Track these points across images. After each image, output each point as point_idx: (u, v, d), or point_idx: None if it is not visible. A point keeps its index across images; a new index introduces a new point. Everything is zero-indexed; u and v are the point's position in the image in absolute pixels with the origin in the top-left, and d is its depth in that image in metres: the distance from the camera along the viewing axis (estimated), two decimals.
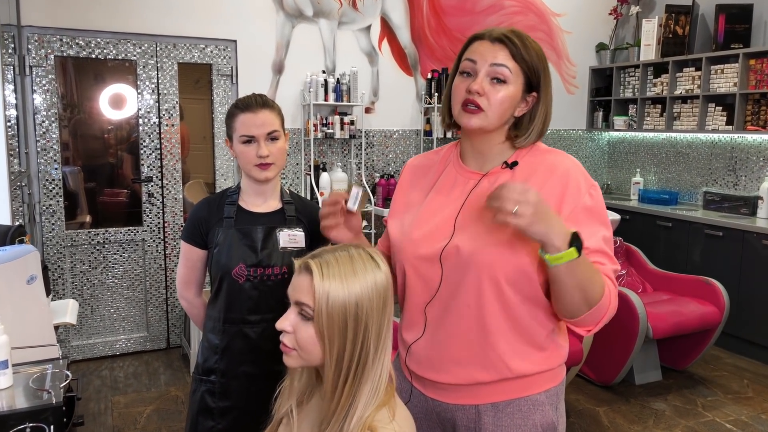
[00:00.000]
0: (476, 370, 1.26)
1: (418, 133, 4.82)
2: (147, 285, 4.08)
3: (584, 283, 1.12)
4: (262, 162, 1.58)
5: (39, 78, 3.69)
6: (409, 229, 1.33)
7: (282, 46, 4.30)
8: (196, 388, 1.67)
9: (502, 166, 1.28)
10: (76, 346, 3.93)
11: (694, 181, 4.94)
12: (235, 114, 1.60)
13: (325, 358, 1.05)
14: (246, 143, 1.58)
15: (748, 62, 4.24)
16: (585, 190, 1.23)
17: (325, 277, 1.04)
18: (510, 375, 1.25)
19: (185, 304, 1.76)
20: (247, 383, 1.63)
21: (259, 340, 1.62)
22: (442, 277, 1.26)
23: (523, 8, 5.05)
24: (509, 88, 1.22)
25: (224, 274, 1.60)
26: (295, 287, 1.08)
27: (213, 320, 1.66)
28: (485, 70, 1.22)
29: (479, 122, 1.23)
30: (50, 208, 3.79)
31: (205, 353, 1.67)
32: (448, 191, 1.32)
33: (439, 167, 1.39)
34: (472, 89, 1.22)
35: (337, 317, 1.03)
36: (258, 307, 1.61)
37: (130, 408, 3.30)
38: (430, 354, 1.30)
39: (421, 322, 1.31)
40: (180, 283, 1.74)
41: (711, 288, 3.65)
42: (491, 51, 1.22)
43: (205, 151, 4.42)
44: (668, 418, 3.23)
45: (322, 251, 1.10)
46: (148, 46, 3.93)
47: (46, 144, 3.74)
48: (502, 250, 1.19)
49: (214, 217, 1.65)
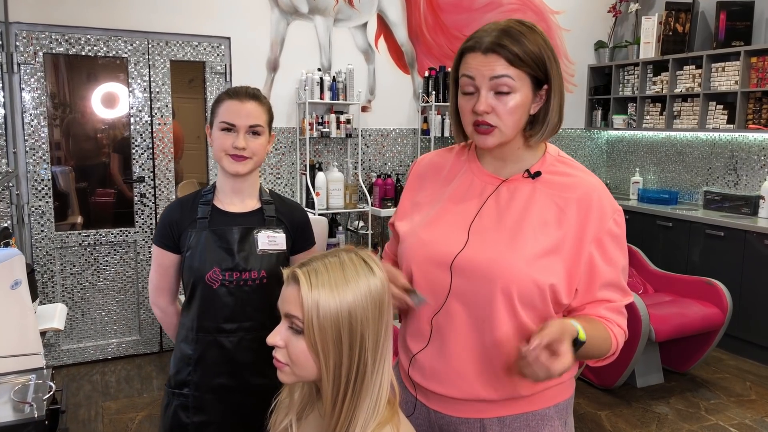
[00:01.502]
0: (483, 387, 1.19)
1: (416, 132, 4.74)
2: (139, 287, 4.00)
3: (597, 346, 1.16)
4: (237, 153, 1.47)
5: (27, 76, 3.60)
6: (419, 228, 1.26)
7: (277, 44, 4.22)
8: (168, 402, 1.56)
9: (524, 175, 1.21)
10: (66, 350, 3.84)
11: (694, 180, 4.89)
12: (222, 99, 1.50)
13: (320, 373, 0.98)
14: (225, 130, 1.47)
15: (750, 60, 4.19)
16: (610, 214, 1.18)
17: (314, 287, 0.96)
18: (516, 395, 1.19)
19: (158, 312, 1.65)
20: (224, 396, 1.52)
21: (235, 351, 1.51)
22: (450, 287, 1.19)
23: (521, 6, 4.99)
24: (516, 96, 1.13)
25: (197, 279, 1.49)
26: (283, 299, 1.01)
27: (186, 329, 1.54)
28: (486, 85, 1.12)
29: (495, 140, 1.16)
30: (39, 209, 3.70)
31: (177, 364, 1.55)
32: (463, 194, 1.25)
33: (454, 167, 1.31)
34: (478, 110, 1.13)
35: (330, 329, 0.96)
36: (234, 314, 1.50)
37: (121, 414, 3.21)
38: (435, 365, 1.23)
39: (427, 331, 1.24)
40: (152, 290, 1.62)
41: (713, 289, 3.60)
42: (486, 64, 1.12)
43: (199, 151, 4.34)
44: (671, 422, 3.17)
45: (311, 259, 1.02)
46: (139, 43, 3.85)
47: (34, 143, 3.65)
48: (523, 263, 1.13)
49: (187, 218, 1.53)
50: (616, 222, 1.18)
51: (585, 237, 1.15)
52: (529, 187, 1.20)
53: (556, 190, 1.19)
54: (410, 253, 1.24)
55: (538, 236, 1.15)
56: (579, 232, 1.15)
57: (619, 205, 1.21)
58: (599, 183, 1.21)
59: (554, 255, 1.14)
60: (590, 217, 1.16)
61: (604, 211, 1.17)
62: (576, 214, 1.16)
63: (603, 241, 1.16)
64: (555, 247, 1.14)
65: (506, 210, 1.19)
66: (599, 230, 1.16)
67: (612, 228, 1.17)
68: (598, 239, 1.16)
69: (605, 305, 1.18)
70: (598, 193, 1.18)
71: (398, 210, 1.37)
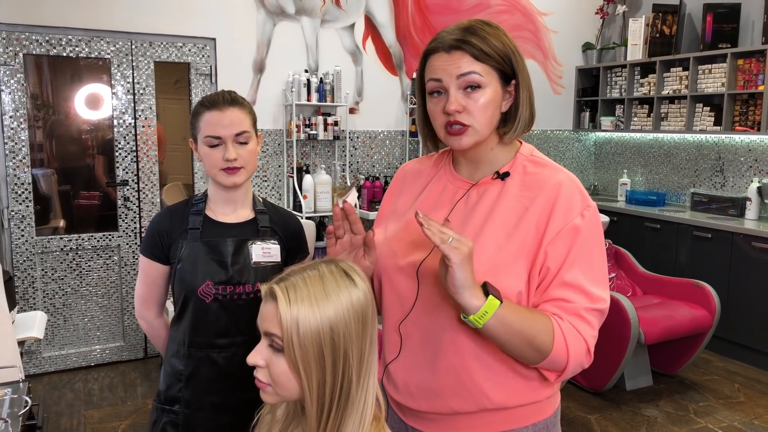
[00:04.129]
0: (453, 399, 1.15)
1: (404, 134, 4.71)
2: (123, 292, 3.93)
3: (524, 333, 1.04)
4: (230, 166, 1.41)
5: (7, 77, 3.52)
6: (390, 237, 1.24)
7: (263, 45, 4.17)
8: (157, 418, 1.50)
9: (492, 177, 1.18)
10: (48, 358, 3.76)
11: (681, 182, 4.90)
12: (200, 112, 1.42)
13: (303, 393, 0.94)
14: (212, 146, 1.41)
15: (736, 62, 4.21)
16: (578, 209, 1.10)
17: (293, 303, 0.92)
18: (490, 406, 1.14)
19: (144, 324, 1.59)
20: (214, 414, 1.47)
21: (227, 367, 1.45)
22: (417, 294, 1.15)
23: (509, 7, 4.98)
24: (486, 92, 1.10)
25: (189, 292, 1.43)
26: (262, 316, 0.96)
27: (177, 344, 1.49)
28: (454, 84, 1.09)
29: (470, 140, 1.12)
30: (19, 213, 3.62)
31: (167, 380, 1.49)
32: (435, 200, 1.23)
33: (430, 173, 1.29)
34: (449, 110, 1.09)
35: (311, 347, 0.91)
36: (227, 330, 1.45)
37: (104, 423, 3.14)
38: (406, 378, 1.20)
39: (397, 341, 1.21)
40: (138, 301, 1.56)
41: (702, 291, 3.60)
42: (451, 62, 1.09)
43: (184, 153, 4.28)
44: (661, 426, 3.16)
45: (289, 273, 0.97)
46: (122, 44, 3.78)
47: (14, 146, 3.57)
48: (480, 272, 1.07)
49: (178, 228, 1.47)
50: (583, 216, 1.10)
51: (546, 233, 1.09)
52: (497, 189, 1.16)
53: (524, 190, 1.15)
54: (381, 261, 1.22)
55: (500, 239, 1.11)
56: (540, 229, 1.10)
57: (592, 201, 1.14)
58: (569, 179, 1.15)
59: (517, 258, 1.10)
60: (554, 213, 1.10)
61: (570, 207, 1.10)
62: (540, 211, 1.11)
63: (565, 237, 1.09)
64: (517, 249, 1.10)
65: (471, 214, 1.16)
66: (562, 225, 1.09)
67: (578, 223, 1.09)
68: (559, 234, 1.09)
69: (558, 303, 1.08)
70: (567, 189, 1.12)
71: (377, 216, 1.35)
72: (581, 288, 1.08)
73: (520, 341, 1.04)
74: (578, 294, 1.08)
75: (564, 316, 1.07)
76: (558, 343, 1.06)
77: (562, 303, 1.08)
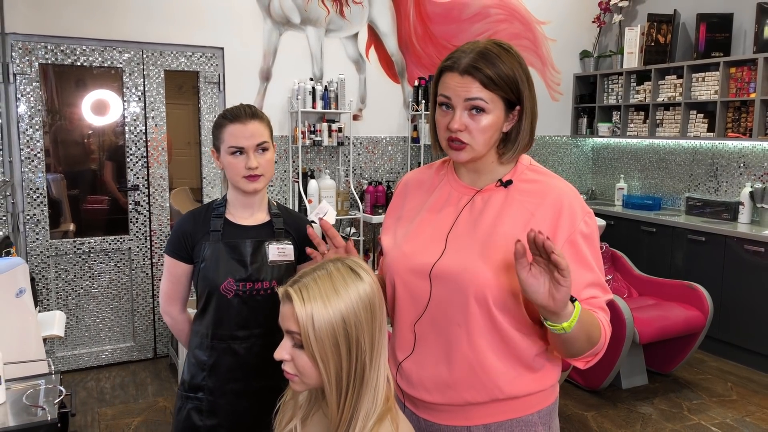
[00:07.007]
0: (467, 390, 1.25)
1: (406, 140, 4.83)
2: (133, 294, 4.04)
3: (589, 330, 1.14)
4: (251, 173, 1.55)
5: (23, 86, 3.64)
6: (401, 241, 1.33)
7: (269, 54, 4.30)
8: (181, 405, 1.64)
9: (496, 184, 1.28)
10: (61, 357, 3.87)
11: (676, 186, 5.02)
12: (224, 125, 1.57)
13: (323, 380, 1.05)
14: (234, 154, 1.55)
15: (729, 70, 4.33)
16: (581, 216, 1.22)
17: (306, 302, 1.03)
18: (501, 396, 1.24)
19: (169, 320, 1.72)
20: (235, 400, 1.61)
21: (247, 356, 1.60)
22: (431, 294, 1.25)
23: (508, 16, 5.10)
24: (489, 117, 1.20)
25: (212, 289, 1.57)
26: (282, 317, 1.08)
27: (200, 336, 1.62)
28: (461, 105, 1.20)
29: (467, 156, 1.24)
30: (34, 217, 3.74)
31: (191, 370, 1.63)
32: (441, 206, 1.32)
33: (434, 181, 1.39)
34: (452, 128, 1.21)
35: (327, 339, 1.03)
36: (247, 322, 1.59)
37: (118, 420, 3.25)
38: (420, 373, 1.30)
39: (411, 339, 1.31)
40: (164, 298, 1.69)
41: (695, 293, 3.71)
42: (462, 85, 1.19)
43: (191, 157, 4.39)
44: (655, 422, 3.27)
45: (301, 274, 1.09)
46: (134, 53, 3.90)
47: (30, 152, 3.69)
48: (494, 271, 1.19)
49: (200, 230, 1.61)
50: (586, 223, 1.22)
51: (557, 239, 1.19)
52: (501, 196, 1.27)
53: (528, 196, 1.25)
54: (393, 265, 1.32)
55: (509, 243, 1.19)
56: (551, 235, 1.20)
57: (589, 208, 1.26)
58: (569, 187, 1.27)
59: None
60: (561, 220, 1.21)
61: (574, 213, 1.22)
62: (547, 217, 1.22)
63: (576, 242, 1.20)
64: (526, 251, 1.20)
65: (479, 218, 1.26)
66: (571, 232, 1.20)
67: (583, 228, 1.21)
68: (571, 240, 1.20)
69: (590, 301, 1.21)
70: (568, 197, 1.23)
71: (383, 225, 1.45)
72: (599, 284, 1.22)
73: (585, 337, 1.14)
74: (599, 290, 1.22)
75: (597, 311, 1.19)
76: (603, 334, 1.18)
77: (592, 300, 1.20)
